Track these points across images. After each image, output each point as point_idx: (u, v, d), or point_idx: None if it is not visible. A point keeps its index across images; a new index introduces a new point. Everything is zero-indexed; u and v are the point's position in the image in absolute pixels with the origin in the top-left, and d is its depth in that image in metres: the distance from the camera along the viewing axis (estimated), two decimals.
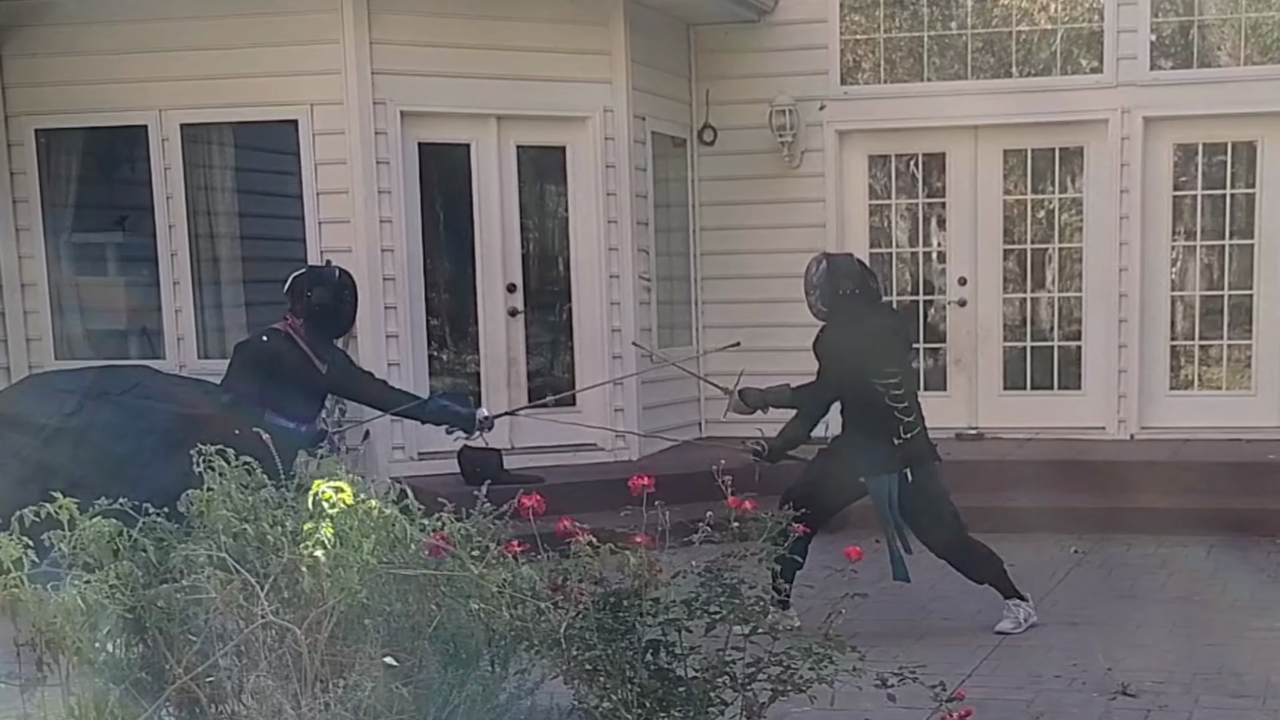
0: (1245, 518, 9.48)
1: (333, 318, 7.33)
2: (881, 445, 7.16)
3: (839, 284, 7.28)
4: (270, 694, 3.95)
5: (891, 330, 7.47)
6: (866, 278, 7.50)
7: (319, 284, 7.26)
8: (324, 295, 7.22)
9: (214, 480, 4.17)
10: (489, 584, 4.11)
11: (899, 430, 7.15)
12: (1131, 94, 11.22)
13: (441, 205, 10.73)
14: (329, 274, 7.39)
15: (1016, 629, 7.28)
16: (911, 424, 7.21)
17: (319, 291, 7.21)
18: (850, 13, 11.83)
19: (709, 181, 12.06)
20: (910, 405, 7.24)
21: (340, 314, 7.38)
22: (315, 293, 7.20)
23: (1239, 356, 11.58)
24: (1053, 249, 11.81)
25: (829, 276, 7.29)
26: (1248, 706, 6.00)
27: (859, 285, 7.34)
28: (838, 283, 7.28)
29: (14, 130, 10.56)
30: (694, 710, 4.22)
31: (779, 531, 4.46)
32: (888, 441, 7.15)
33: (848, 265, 7.46)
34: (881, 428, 7.15)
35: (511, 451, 10.31)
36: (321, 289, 7.23)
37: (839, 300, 7.27)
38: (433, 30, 10.12)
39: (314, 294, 7.20)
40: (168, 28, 10.08)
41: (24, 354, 10.64)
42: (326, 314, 7.25)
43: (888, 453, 7.17)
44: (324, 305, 7.22)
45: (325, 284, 7.28)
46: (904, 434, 7.16)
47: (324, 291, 7.23)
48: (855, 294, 7.29)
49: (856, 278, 7.37)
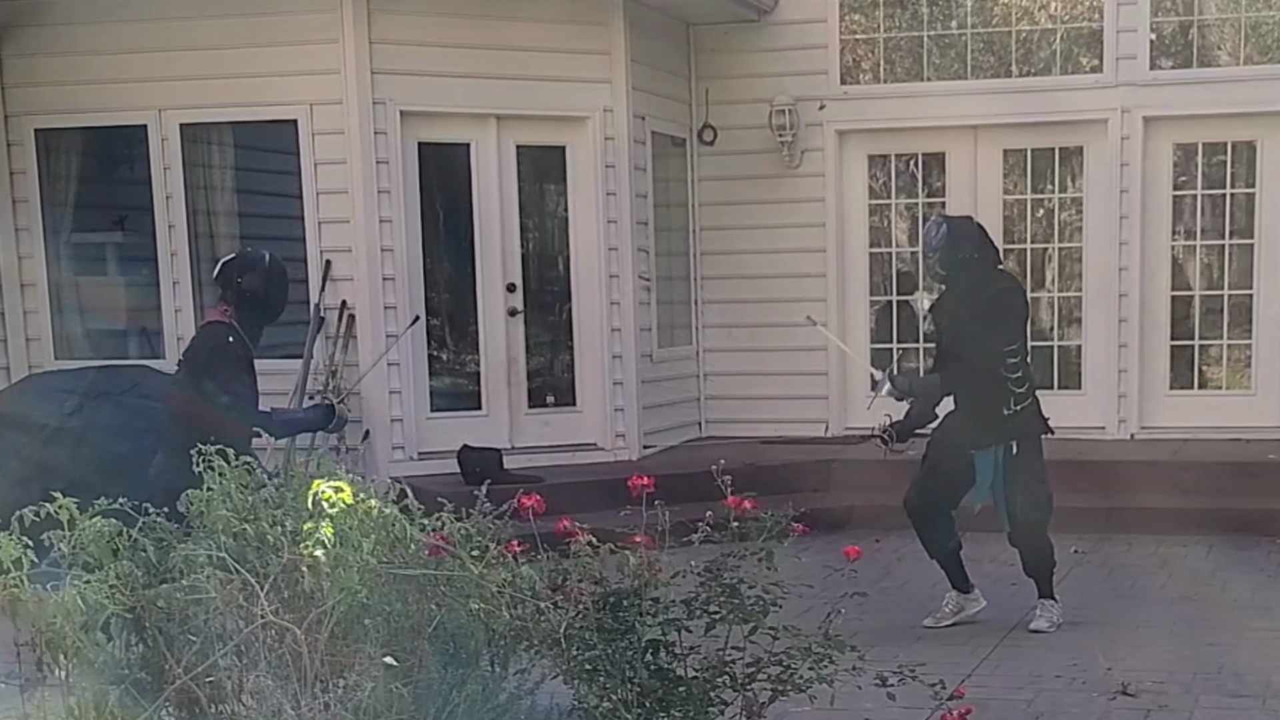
0: (1245, 518, 9.48)
1: (264, 305, 7.15)
2: (991, 415, 7.07)
3: (959, 247, 7.19)
4: (270, 694, 3.95)
5: (1010, 295, 7.34)
6: (986, 240, 7.41)
7: (250, 270, 7.11)
8: (255, 282, 7.06)
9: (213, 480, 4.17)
10: (489, 584, 4.10)
11: (1009, 401, 7.07)
12: (1131, 94, 11.21)
13: (441, 205, 10.73)
14: (259, 260, 7.24)
15: (1051, 628, 7.27)
16: (1023, 395, 7.12)
17: (250, 278, 7.06)
18: (850, 12, 11.83)
19: (709, 181, 12.06)
20: (1024, 375, 7.15)
21: (271, 301, 7.19)
22: (246, 279, 7.05)
23: (1239, 356, 11.58)
24: (1053, 249, 11.80)
25: (949, 240, 7.19)
26: (1248, 706, 6.00)
27: (978, 249, 7.26)
28: (958, 246, 7.19)
29: (14, 130, 10.56)
30: (694, 710, 4.22)
31: (778, 531, 4.46)
32: (998, 412, 7.07)
33: (968, 228, 7.38)
34: (993, 397, 7.06)
35: (511, 451, 10.32)
36: (252, 275, 7.07)
37: (958, 264, 7.20)
38: (432, 30, 10.12)
39: (245, 280, 7.05)
40: (167, 28, 10.08)
41: (24, 354, 10.64)
42: (258, 301, 7.08)
43: (998, 424, 7.08)
44: (254, 292, 7.04)
45: (256, 270, 7.12)
46: (1014, 405, 7.08)
47: (255, 278, 7.07)
48: (974, 258, 7.21)
49: (976, 241, 7.29)
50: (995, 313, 7.12)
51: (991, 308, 7.12)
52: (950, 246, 7.19)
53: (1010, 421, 7.11)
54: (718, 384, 12.17)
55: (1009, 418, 7.10)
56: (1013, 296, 7.33)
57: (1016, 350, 7.14)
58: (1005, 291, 7.27)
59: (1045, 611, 7.36)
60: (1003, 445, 7.12)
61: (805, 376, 11.60)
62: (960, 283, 7.25)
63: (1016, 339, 7.18)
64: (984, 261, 7.27)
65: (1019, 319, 7.31)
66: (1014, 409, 7.09)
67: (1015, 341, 7.15)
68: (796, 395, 11.80)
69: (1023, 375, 7.15)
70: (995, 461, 7.13)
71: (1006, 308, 7.20)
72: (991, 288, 7.20)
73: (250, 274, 7.03)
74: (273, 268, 7.18)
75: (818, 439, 11.64)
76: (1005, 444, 7.12)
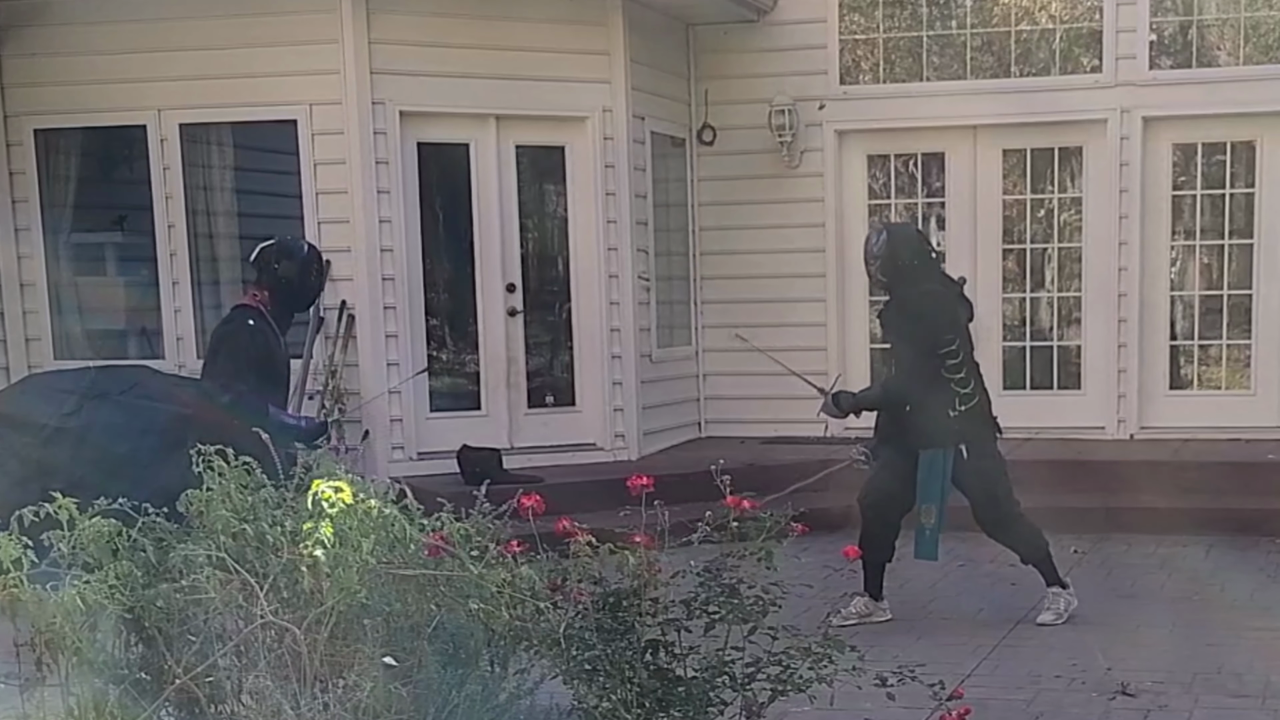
0: (1245, 518, 9.48)
1: (298, 293, 7.20)
2: (937, 417, 7.12)
3: (898, 254, 7.27)
4: (269, 694, 3.95)
5: (950, 299, 7.42)
6: (926, 247, 7.49)
7: (287, 257, 7.14)
8: (291, 269, 7.10)
9: (213, 480, 4.17)
10: (488, 584, 4.10)
11: (954, 402, 7.12)
12: (1131, 94, 11.21)
13: (441, 205, 10.72)
14: (297, 247, 7.28)
15: (1057, 620, 7.30)
16: (968, 395, 7.17)
17: (286, 265, 7.09)
18: (849, 12, 11.83)
19: (708, 181, 12.06)
20: (967, 376, 7.20)
21: (306, 289, 7.24)
22: (283, 266, 7.08)
23: (1238, 356, 11.58)
24: (1052, 249, 11.80)
25: (889, 246, 7.28)
26: (1247, 706, 6.00)
27: (918, 255, 7.34)
28: (897, 252, 7.27)
29: (13, 130, 10.55)
30: (694, 710, 4.22)
31: (778, 531, 4.46)
32: (943, 414, 7.12)
33: (907, 234, 7.50)
34: (937, 399, 7.12)
35: (511, 451, 10.32)
36: (289, 263, 7.11)
37: (899, 270, 7.27)
38: (432, 30, 10.12)
39: (281, 267, 7.09)
40: (167, 28, 10.08)
41: (23, 354, 10.63)
42: (292, 289, 7.13)
43: (944, 425, 7.13)
44: (290, 280, 7.09)
45: (293, 258, 7.16)
46: (959, 406, 7.13)
47: (291, 265, 7.11)
48: (914, 264, 7.28)
49: (915, 246, 7.38)
50: (925, 314, 7.19)
51: (922, 310, 7.20)
52: (890, 254, 7.28)
53: (957, 423, 7.16)
54: (717, 384, 12.17)
55: (955, 419, 7.15)
56: (943, 299, 7.39)
57: (955, 351, 7.18)
58: (934, 294, 7.32)
59: (1052, 602, 7.37)
60: (951, 450, 7.16)
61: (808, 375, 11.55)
62: (899, 288, 7.32)
63: (954, 339, 7.21)
64: (923, 268, 7.34)
65: (951, 320, 7.31)
66: (959, 409, 7.15)
67: (951, 343, 7.18)
68: (796, 395, 11.73)
69: (966, 376, 7.21)
70: (941, 468, 7.15)
71: (937, 309, 7.26)
72: (925, 290, 7.27)
73: (287, 260, 7.09)
74: (310, 256, 7.24)
75: (818, 439, 11.61)
76: (954, 447, 7.16)
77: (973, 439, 7.20)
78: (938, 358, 7.13)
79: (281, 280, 7.04)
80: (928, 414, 7.14)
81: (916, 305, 7.23)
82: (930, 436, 7.16)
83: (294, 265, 7.10)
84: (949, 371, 7.14)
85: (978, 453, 7.22)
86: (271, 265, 7.06)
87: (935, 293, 7.39)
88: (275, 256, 7.10)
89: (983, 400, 7.30)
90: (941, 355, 7.13)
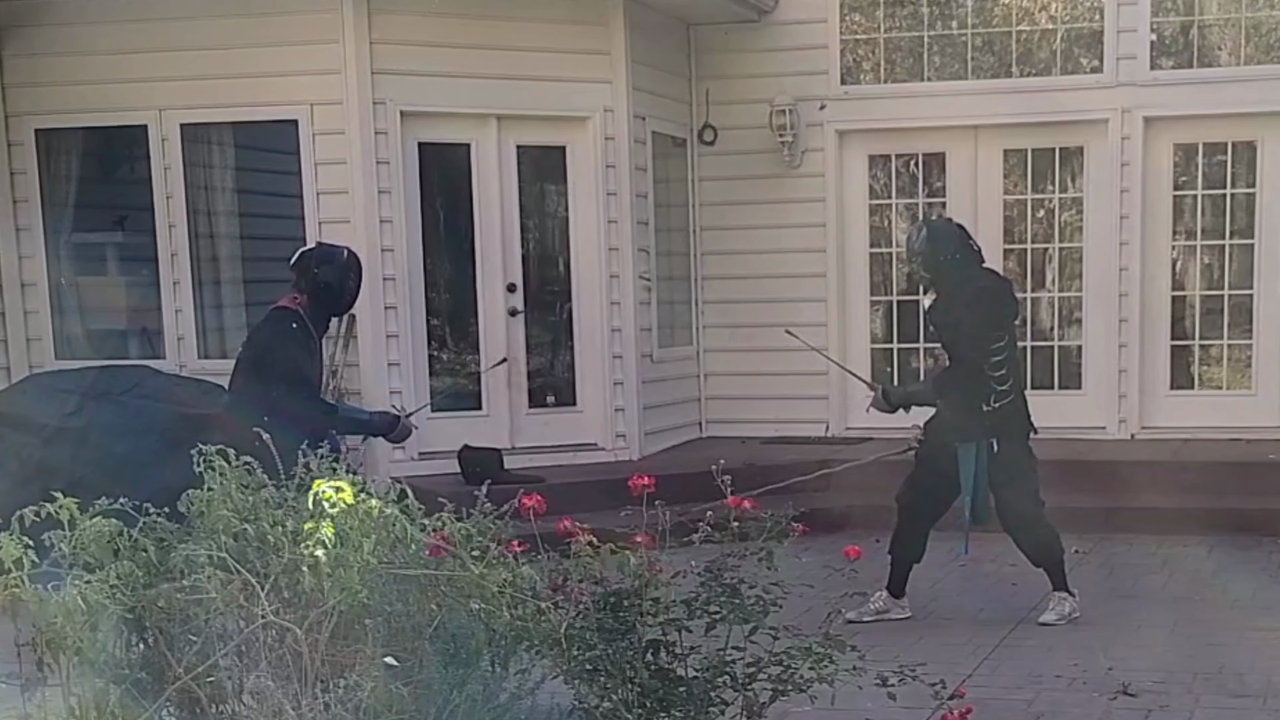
0: (1246, 518, 9.48)
1: (337, 297, 7.29)
2: (971, 411, 7.14)
3: (939, 250, 7.28)
4: (270, 694, 3.95)
5: (995, 292, 7.42)
6: (966, 240, 7.47)
7: (327, 262, 7.23)
8: (330, 274, 7.18)
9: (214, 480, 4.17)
10: (489, 584, 4.10)
11: (989, 397, 7.13)
12: (1131, 94, 11.21)
13: (441, 205, 10.73)
14: (338, 253, 7.36)
15: (1060, 621, 7.31)
16: (1004, 392, 7.18)
17: (326, 270, 7.18)
18: (850, 12, 11.83)
19: (709, 181, 12.06)
20: (1007, 373, 7.21)
21: (344, 294, 7.34)
22: (322, 271, 7.16)
23: (1239, 356, 11.58)
24: (1053, 249, 11.80)
25: (929, 243, 7.30)
26: (1248, 706, 5.99)
27: (959, 249, 7.34)
28: (938, 248, 7.28)
29: (14, 130, 10.55)
30: (694, 710, 4.22)
31: (778, 531, 4.46)
32: (978, 407, 7.13)
33: (946, 230, 7.49)
34: (974, 392, 7.14)
35: (512, 451, 10.32)
36: (329, 268, 7.19)
37: (940, 266, 7.28)
38: (433, 30, 10.11)
39: (321, 272, 7.17)
40: (167, 28, 10.08)
41: (24, 354, 10.63)
42: (331, 293, 7.21)
43: (977, 419, 7.14)
44: (329, 285, 7.18)
45: (333, 263, 7.25)
46: (994, 402, 7.14)
47: (331, 270, 7.20)
48: (956, 258, 7.29)
49: (957, 242, 7.37)
50: (977, 308, 7.20)
51: (974, 303, 7.21)
52: (931, 250, 7.29)
53: (990, 418, 7.18)
54: (718, 384, 12.17)
55: (989, 414, 7.17)
56: (996, 293, 7.41)
57: (1003, 348, 7.20)
58: (987, 289, 7.36)
59: (1057, 605, 7.38)
60: (985, 442, 7.17)
61: (805, 377, 11.56)
62: (946, 284, 7.34)
63: (1002, 335, 7.23)
64: (966, 262, 7.35)
65: (1002, 315, 7.34)
66: (994, 405, 7.17)
67: (1001, 338, 7.21)
68: (797, 395, 11.80)
69: (1006, 373, 7.22)
70: (978, 459, 7.17)
71: (989, 304, 7.27)
72: (974, 285, 7.29)
73: (326, 266, 7.17)
74: (349, 262, 7.31)
75: (818, 439, 11.65)
76: (986, 441, 7.17)
77: (1004, 434, 7.22)
78: (987, 351, 7.13)
79: (321, 285, 7.13)
80: (965, 407, 7.16)
81: (972, 299, 7.23)
82: (966, 430, 7.18)
83: (334, 270, 7.19)
84: (991, 368, 7.16)
85: (1009, 449, 7.24)
86: (311, 270, 7.14)
87: (990, 287, 7.42)
88: (315, 261, 7.19)
89: (1018, 399, 7.31)
90: (989, 349, 7.14)
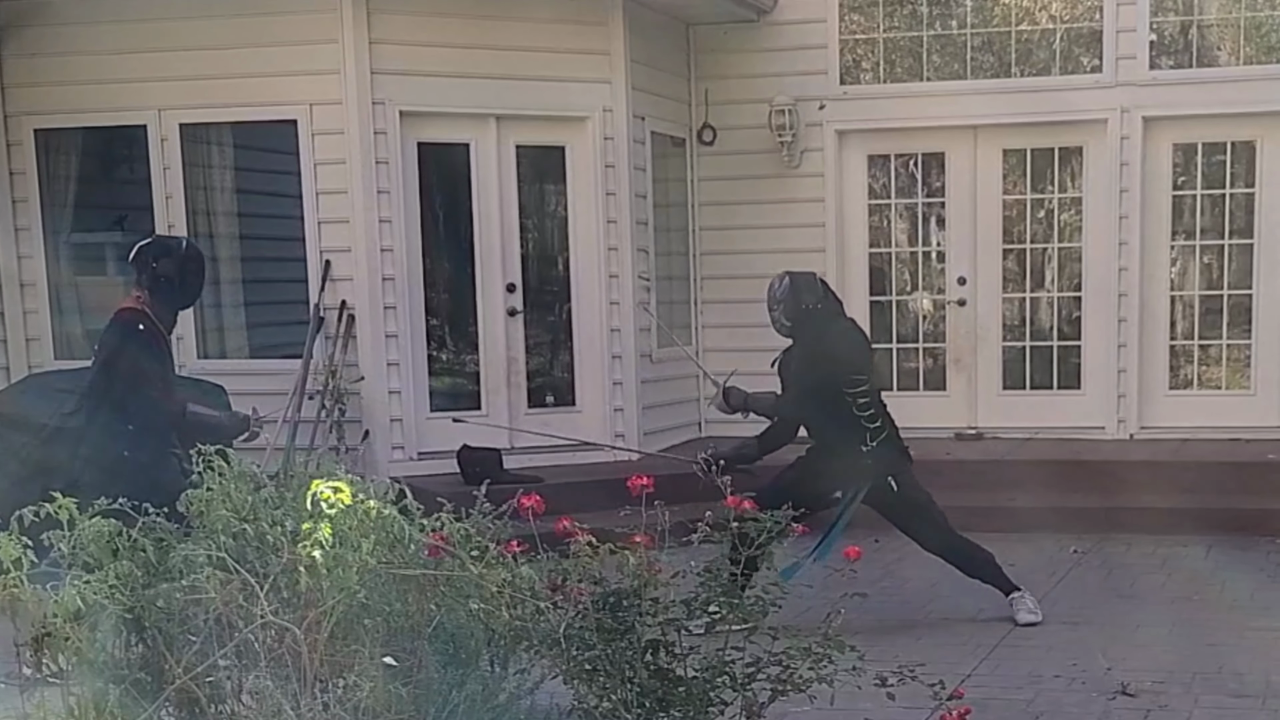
0: (1245, 517, 9.48)
1: (178, 291, 7.07)
2: (851, 456, 7.25)
3: (802, 298, 7.40)
4: (269, 694, 3.95)
5: (855, 340, 7.57)
6: (828, 292, 7.63)
7: (165, 255, 7.04)
8: (169, 267, 6.97)
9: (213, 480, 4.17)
10: (488, 584, 4.10)
11: (865, 438, 7.24)
12: (1131, 94, 11.22)
13: (441, 205, 10.73)
14: (176, 245, 7.19)
15: (1034, 617, 7.34)
16: (878, 430, 7.30)
17: (164, 264, 6.98)
18: (849, 12, 11.83)
19: (708, 181, 12.06)
20: (876, 413, 7.33)
21: (186, 287, 7.09)
22: (161, 264, 6.96)
23: (1238, 356, 11.58)
24: (1052, 249, 11.80)
25: (792, 292, 7.41)
26: (1248, 706, 6.00)
27: (820, 299, 7.47)
28: (801, 297, 7.40)
29: (14, 130, 10.56)
30: (694, 710, 4.22)
31: (778, 531, 4.46)
32: (855, 449, 7.24)
33: (809, 281, 7.58)
34: (849, 437, 7.24)
35: (511, 451, 10.31)
36: (167, 260, 6.98)
37: (802, 314, 7.39)
38: (432, 30, 10.12)
39: (159, 265, 6.97)
40: (167, 28, 10.08)
41: (24, 354, 10.64)
42: (172, 287, 7.01)
43: (858, 462, 7.25)
44: (169, 278, 6.98)
45: (171, 256, 7.04)
46: (870, 441, 7.26)
47: (169, 263, 6.98)
48: (817, 308, 7.42)
49: (818, 292, 7.50)
50: (836, 351, 7.29)
51: (832, 346, 7.31)
52: (794, 298, 7.38)
53: (870, 458, 7.25)
54: None
55: (868, 454, 7.25)
56: (851, 336, 7.55)
57: (866, 390, 7.29)
58: (844, 332, 7.49)
59: (1020, 603, 7.45)
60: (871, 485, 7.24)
61: None
62: (803, 332, 7.40)
63: (864, 380, 7.31)
64: (826, 311, 7.46)
65: (860, 356, 7.46)
66: (871, 444, 7.26)
67: (862, 381, 7.29)
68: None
69: (875, 412, 7.32)
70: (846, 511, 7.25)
71: (847, 346, 7.40)
72: (832, 329, 7.41)
73: (165, 259, 6.94)
74: (189, 253, 7.13)
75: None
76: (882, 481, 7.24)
77: (893, 471, 7.31)
78: (848, 396, 7.22)
79: (160, 279, 6.90)
80: (842, 455, 7.26)
81: (833, 342, 7.33)
82: (848, 477, 7.27)
83: (172, 263, 6.95)
84: (859, 409, 7.25)
85: (905, 484, 7.34)
86: (150, 264, 6.93)
87: (851, 330, 7.59)
88: (153, 256, 6.98)
89: (892, 431, 7.41)
90: (853, 394, 7.23)
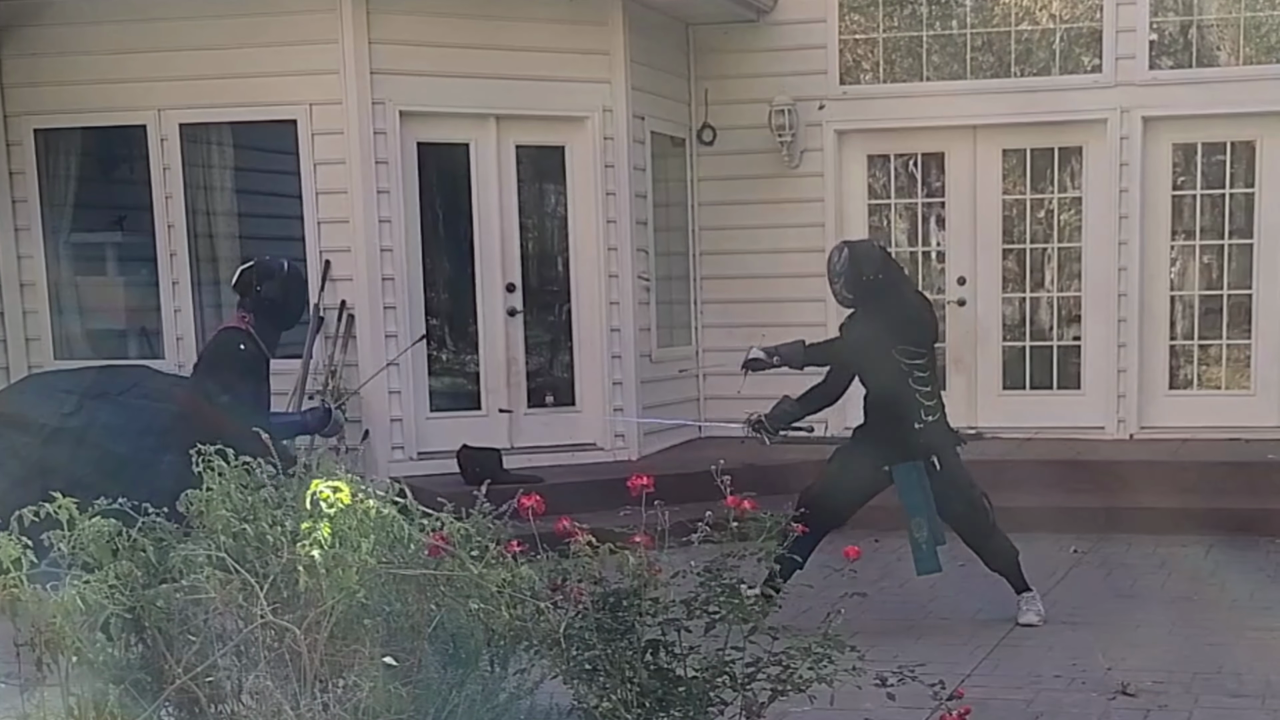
0: (1245, 517, 9.48)
1: (282, 312, 7.30)
2: (904, 430, 7.15)
3: (862, 270, 7.26)
4: (269, 694, 3.95)
5: (917, 311, 7.43)
6: (889, 261, 7.49)
7: (268, 278, 7.23)
8: (273, 290, 7.20)
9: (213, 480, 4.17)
10: (488, 584, 4.10)
11: (920, 414, 7.14)
12: (1130, 94, 11.22)
13: (441, 205, 10.73)
14: (278, 267, 7.36)
15: (1039, 619, 7.33)
16: (933, 408, 7.20)
17: (268, 286, 7.19)
18: (849, 12, 11.83)
19: (708, 181, 12.06)
20: (933, 390, 7.24)
21: (289, 308, 7.35)
22: (265, 287, 7.18)
23: (1238, 356, 11.58)
24: (1052, 249, 11.81)
25: (851, 263, 7.27)
26: (1247, 706, 6.00)
27: (882, 269, 7.33)
28: (861, 268, 7.26)
29: (13, 130, 10.56)
30: (694, 710, 4.22)
31: (779, 530, 4.46)
32: (909, 426, 7.14)
33: (869, 250, 7.47)
34: (904, 412, 7.14)
35: (511, 451, 10.32)
36: (270, 283, 7.21)
37: (863, 286, 7.26)
38: (432, 30, 10.12)
39: (263, 288, 7.18)
40: (167, 28, 10.08)
41: (23, 354, 10.64)
42: (275, 308, 7.23)
43: (911, 439, 7.16)
44: (272, 300, 7.19)
45: (274, 277, 7.25)
46: (925, 417, 7.16)
47: (273, 286, 7.21)
48: (879, 278, 7.27)
49: (879, 262, 7.35)
50: (898, 324, 7.18)
51: (894, 319, 7.18)
52: (853, 269, 7.26)
53: (922, 435, 7.19)
54: (717, 384, 12.14)
55: (921, 431, 7.18)
56: (915, 309, 7.42)
57: (925, 364, 7.21)
58: (908, 304, 7.37)
59: (1029, 604, 7.41)
60: (923, 462, 7.17)
61: (804, 376, 11.55)
62: (866, 304, 7.30)
63: (924, 353, 7.23)
64: (888, 281, 7.33)
65: (920, 331, 7.31)
66: (925, 421, 7.18)
67: (923, 356, 7.20)
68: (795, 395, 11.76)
69: (932, 390, 7.24)
70: (919, 481, 7.16)
71: (909, 319, 7.26)
72: (895, 302, 7.28)
73: (268, 281, 7.19)
74: (291, 275, 7.35)
75: (819, 438, 11.61)
76: (925, 460, 7.17)
77: (939, 451, 7.25)
78: (906, 368, 7.14)
79: (265, 301, 7.15)
80: (897, 428, 7.18)
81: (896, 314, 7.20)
82: (901, 450, 7.19)
83: (276, 285, 7.21)
84: (917, 383, 7.16)
85: (948, 464, 7.27)
86: (253, 287, 7.14)
87: (916, 304, 7.48)
88: (257, 278, 7.19)
89: (943, 414, 7.35)
90: (911, 366, 7.15)
